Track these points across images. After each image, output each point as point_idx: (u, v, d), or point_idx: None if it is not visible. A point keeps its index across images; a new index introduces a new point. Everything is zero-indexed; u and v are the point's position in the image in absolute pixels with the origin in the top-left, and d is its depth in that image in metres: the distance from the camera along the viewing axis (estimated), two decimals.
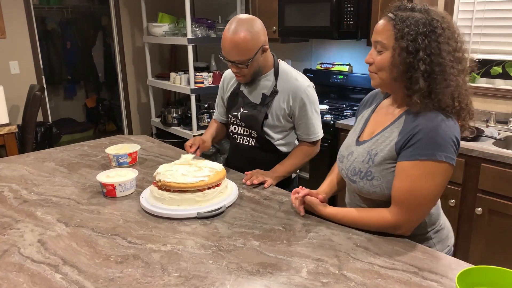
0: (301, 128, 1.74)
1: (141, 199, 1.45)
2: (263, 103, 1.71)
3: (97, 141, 2.23)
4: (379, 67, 1.16)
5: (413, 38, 1.09)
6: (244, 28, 1.56)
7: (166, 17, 4.22)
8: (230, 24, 1.58)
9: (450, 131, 1.11)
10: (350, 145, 1.32)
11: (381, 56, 1.15)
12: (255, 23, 1.59)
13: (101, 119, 6.13)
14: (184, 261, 1.10)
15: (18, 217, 1.36)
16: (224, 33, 1.58)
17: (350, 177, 1.26)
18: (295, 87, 1.68)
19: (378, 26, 1.17)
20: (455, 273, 0.93)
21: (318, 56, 3.49)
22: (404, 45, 1.09)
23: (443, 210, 1.34)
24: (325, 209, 1.29)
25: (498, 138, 2.24)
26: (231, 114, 1.81)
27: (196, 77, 3.79)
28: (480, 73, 2.61)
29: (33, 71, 4.20)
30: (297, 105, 1.69)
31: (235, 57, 1.59)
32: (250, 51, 1.58)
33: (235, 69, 1.65)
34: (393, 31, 1.11)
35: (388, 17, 1.14)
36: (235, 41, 1.55)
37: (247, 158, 1.80)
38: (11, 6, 3.96)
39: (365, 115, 1.35)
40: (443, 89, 1.10)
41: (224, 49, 1.60)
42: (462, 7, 2.60)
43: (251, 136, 1.78)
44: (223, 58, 1.64)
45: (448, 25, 1.12)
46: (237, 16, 1.62)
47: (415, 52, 1.09)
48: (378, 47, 1.16)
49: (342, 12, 2.67)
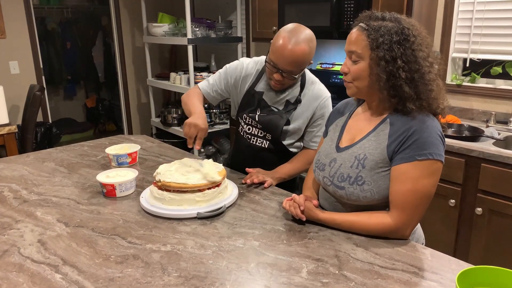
0: (310, 135, 1.74)
1: (141, 199, 1.44)
2: (285, 110, 1.70)
3: (97, 141, 2.23)
4: (354, 76, 1.19)
5: (388, 47, 1.11)
6: (305, 41, 1.53)
7: (166, 17, 4.21)
8: (291, 33, 1.53)
9: (439, 130, 1.15)
10: (330, 153, 1.31)
11: (357, 65, 1.17)
12: (313, 38, 1.58)
13: (101, 119, 6.13)
14: (184, 261, 1.10)
15: (18, 217, 1.36)
16: (280, 40, 1.53)
17: (336, 184, 1.24)
18: (319, 98, 1.69)
19: (351, 36, 1.18)
20: (455, 273, 0.93)
21: (318, 56, 3.49)
22: (382, 55, 1.12)
23: (443, 210, 1.34)
24: (322, 213, 1.27)
25: (498, 138, 2.24)
26: (247, 115, 1.75)
27: (196, 77, 3.79)
28: (480, 73, 2.62)
29: (33, 71, 4.20)
30: (317, 114, 1.70)
31: (288, 67, 1.56)
32: (304, 65, 1.58)
33: (279, 76, 1.59)
34: (367, 41, 1.14)
35: (360, 27, 1.16)
36: (295, 52, 1.52)
37: (257, 158, 1.78)
38: (11, 6, 3.96)
39: (339, 123, 1.36)
40: (427, 92, 1.14)
41: (279, 56, 1.54)
42: (462, 7, 2.60)
43: (266, 138, 1.75)
44: (269, 63, 1.59)
45: (418, 32, 1.15)
46: (296, 25, 1.57)
47: (393, 61, 1.11)
48: (353, 57, 1.18)
49: (342, 12, 2.68)
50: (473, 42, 2.59)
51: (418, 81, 1.12)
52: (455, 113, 2.65)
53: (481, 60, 2.59)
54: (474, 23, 2.57)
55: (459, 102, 2.68)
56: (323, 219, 1.26)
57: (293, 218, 1.32)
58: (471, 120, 2.61)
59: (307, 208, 1.27)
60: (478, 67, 2.63)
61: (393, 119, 1.19)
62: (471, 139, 2.26)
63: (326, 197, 1.34)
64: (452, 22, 2.63)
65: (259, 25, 3.42)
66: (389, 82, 1.13)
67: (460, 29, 2.64)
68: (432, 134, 1.12)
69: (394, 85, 1.13)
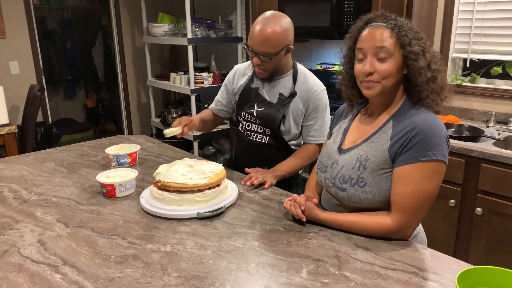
0: (307, 129, 1.75)
1: (141, 199, 1.44)
2: (281, 103, 1.72)
3: (97, 141, 2.23)
4: (385, 74, 1.14)
5: (417, 43, 1.13)
6: (276, 22, 1.58)
7: (166, 17, 4.21)
8: (263, 16, 1.60)
9: (443, 130, 1.14)
10: (332, 155, 1.31)
11: (387, 63, 1.14)
12: (286, 19, 1.62)
13: (101, 119, 6.12)
14: (184, 261, 1.10)
15: (18, 217, 1.36)
16: (254, 24, 1.60)
17: (338, 186, 1.24)
18: (313, 90, 1.71)
19: (376, 34, 1.15)
20: (455, 273, 0.93)
21: (318, 56, 3.49)
22: (416, 49, 1.13)
23: (443, 210, 1.34)
24: (323, 213, 1.27)
25: (498, 139, 2.24)
26: (245, 111, 1.80)
27: (196, 77, 3.79)
28: (480, 73, 2.61)
29: (33, 71, 4.20)
30: (311, 106, 1.72)
31: (261, 48, 1.60)
32: (278, 46, 1.60)
33: (257, 61, 1.65)
34: (394, 38, 1.13)
35: (383, 26, 1.15)
36: (266, 32, 1.57)
37: (258, 155, 1.82)
38: (11, 6, 3.96)
39: (343, 125, 1.36)
40: (442, 88, 1.16)
41: (252, 38, 1.61)
42: (462, 7, 2.60)
43: (265, 133, 1.79)
44: (247, 48, 1.65)
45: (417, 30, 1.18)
46: (271, 11, 1.63)
47: (416, 57, 1.13)
48: (382, 54, 1.14)
49: (342, 12, 2.68)
50: (473, 42, 2.59)
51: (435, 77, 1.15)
52: (455, 113, 2.65)
53: (481, 60, 2.59)
54: (474, 23, 2.56)
55: (459, 102, 2.68)
56: (323, 219, 1.26)
57: (293, 218, 1.32)
58: (471, 120, 2.61)
59: (308, 208, 1.27)
60: (478, 67, 2.63)
61: (396, 121, 1.18)
62: (471, 139, 2.26)
63: (328, 198, 1.34)
64: (452, 22, 2.63)
65: None
66: (421, 77, 1.14)
67: (460, 29, 2.64)
68: (437, 134, 1.11)
69: (430, 77, 1.14)
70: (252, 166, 1.73)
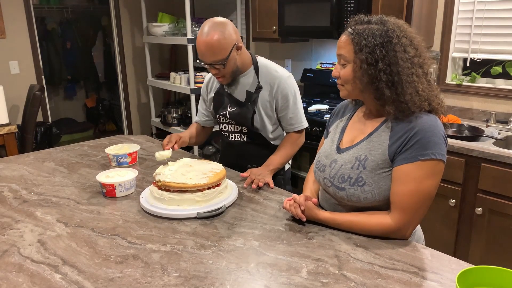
0: (285, 119, 1.78)
1: (141, 199, 1.44)
2: (249, 100, 1.75)
3: (97, 141, 2.23)
4: (344, 80, 1.22)
5: (371, 50, 1.13)
6: (215, 29, 1.60)
7: (166, 17, 4.21)
8: (202, 28, 1.63)
9: (442, 130, 1.15)
10: (330, 154, 1.31)
11: (345, 69, 1.20)
12: (225, 24, 1.65)
13: (101, 119, 6.13)
14: (184, 261, 1.10)
15: (18, 217, 1.36)
16: (197, 38, 1.63)
17: (337, 185, 1.24)
18: (276, 79, 1.73)
19: (339, 41, 1.22)
20: (455, 273, 0.93)
21: (318, 56, 3.49)
22: (363, 57, 1.14)
23: (443, 210, 1.34)
24: (322, 213, 1.27)
25: (498, 138, 2.24)
26: (220, 114, 1.85)
27: (196, 77, 3.79)
28: (480, 72, 2.61)
29: (33, 71, 4.20)
30: (279, 96, 1.74)
31: (211, 58, 1.63)
32: (224, 50, 1.62)
33: (214, 71, 1.69)
34: (352, 44, 1.16)
35: (347, 32, 1.19)
36: (209, 42, 1.60)
37: (240, 154, 1.87)
38: (11, 6, 3.96)
39: (340, 124, 1.36)
40: (411, 95, 1.13)
41: (200, 52, 1.64)
42: (462, 7, 2.60)
43: (242, 132, 1.83)
44: (200, 62, 1.69)
45: (404, 34, 1.16)
46: (208, 20, 1.65)
47: (375, 63, 1.13)
48: (341, 61, 1.21)
49: (342, 12, 2.67)
50: (473, 41, 2.59)
51: (398, 83, 1.13)
52: (455, 113, 2.65)
53: (481, 60, 2.59)
54: (474, 23, 2.56)
55: (459, 102, 2.68)
56: (323, 219, 1.26)
57: (293, 218, 1.32)
58: (471, 120, 2.61)
59: (308, 207, 1.27)
60: (478, 66, 2.62)
61: (395, 120, 1.18)
62: (471, 139, 2.26)
63: (326, 198, 1.34)
64: (452, 22, 2.63)
65: (259, 25, 3.42)
66: (373, 85, 1.15)
67: (460, 29, 2.64)
68: (436, 133, 1.12)
69: (377, 88, 1.15)
70: (236, 166, 1.80)
